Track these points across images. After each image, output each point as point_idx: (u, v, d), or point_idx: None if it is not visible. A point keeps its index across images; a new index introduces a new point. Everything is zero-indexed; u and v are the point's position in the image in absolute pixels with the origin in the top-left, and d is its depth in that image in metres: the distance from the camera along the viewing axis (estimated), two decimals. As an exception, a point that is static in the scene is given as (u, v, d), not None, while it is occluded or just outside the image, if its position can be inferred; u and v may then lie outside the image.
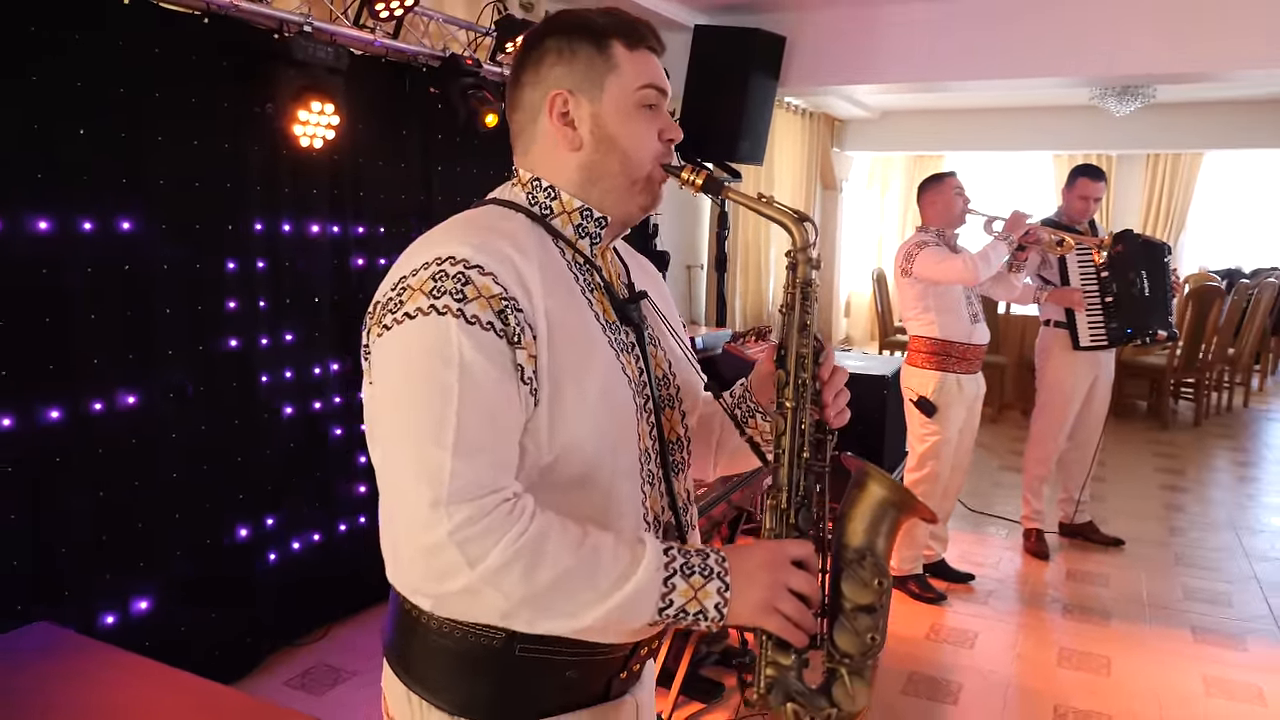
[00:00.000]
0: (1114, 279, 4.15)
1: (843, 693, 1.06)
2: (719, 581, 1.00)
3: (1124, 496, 5.43)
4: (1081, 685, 3.26)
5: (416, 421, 0.98)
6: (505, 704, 1.10)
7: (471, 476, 0.96)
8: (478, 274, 1.01)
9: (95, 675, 1.78)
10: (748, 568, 1.02)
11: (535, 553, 0.96)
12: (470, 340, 0.99)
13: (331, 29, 3.15)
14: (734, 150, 4.83)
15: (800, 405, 1.14)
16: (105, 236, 2.67)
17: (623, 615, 0.98)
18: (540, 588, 0.96)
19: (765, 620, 1.01)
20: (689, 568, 1.01)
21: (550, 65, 1.15)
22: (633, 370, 1.15)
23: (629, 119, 1.14)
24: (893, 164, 10.03)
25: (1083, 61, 4.69)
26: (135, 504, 2.80)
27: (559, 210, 1.16)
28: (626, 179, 1.15)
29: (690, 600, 0.99)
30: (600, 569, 0.98)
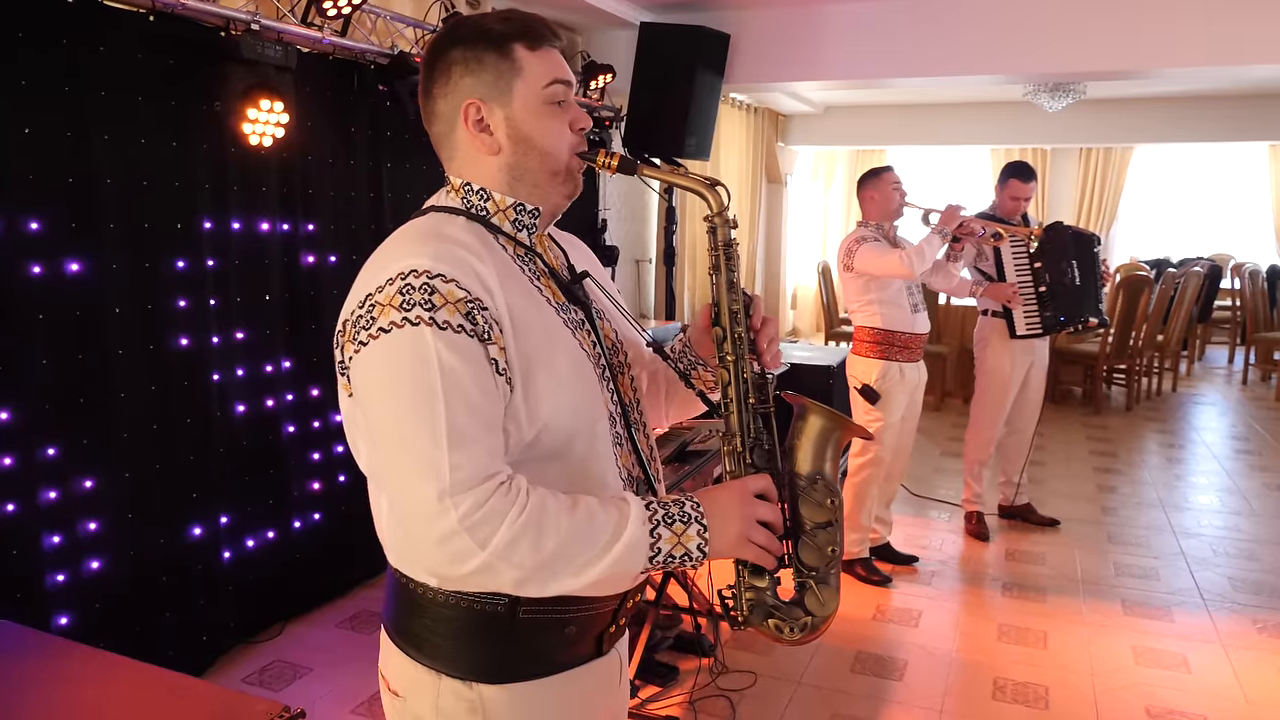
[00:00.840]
0: (1047, 269, 4.32)
1: (814, 601, 1.20)
2: (697, 525, 1.12)
3: (1060, 479, 5.64)
4: (1020, 658, 3.41)
5: (411, 426, 1.05)
6: (513, 664, 1.19)
7: (469, 467, 1.04)
8: (441, 282, 1.08)
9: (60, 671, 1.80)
10: (720, 508, 1.14)
11: (538, 525, 1.05)
12: (445, 344, 1.06)
13: (279, 27, 3.15)
14: (680, 146, 4.91)
15: (740, 356, 1.25)
16: (52, 237, 2.66)
17: (621, 567, 1.09)
18: (547, 555, 1.05)
19: (742, 551, 1.15)
20: (670, 517, 1.12)
21: (459, 77, 1.20)
22: (587, 344, 1.24)
23: (540, 117, 1.21)
24: (836, 158, 10.21)
25: (1017, 59, 4.85)
26: (88, 503, 2.79)
27: (494, 209, 1.24)
28: (547, 173, 1.23)
29: (675, 545, 1.11)
30: (595, 530, 1.08)
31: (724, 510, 1.14)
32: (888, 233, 3.93)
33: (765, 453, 1.24)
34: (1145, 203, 10.09)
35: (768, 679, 3.23)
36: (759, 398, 1.25)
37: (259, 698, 1.71)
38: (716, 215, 1.27)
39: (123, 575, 2.90)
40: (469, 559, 1.04)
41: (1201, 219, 10.15)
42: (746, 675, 3.23)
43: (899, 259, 3.70)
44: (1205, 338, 9.83)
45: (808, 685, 3.20)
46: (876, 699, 3.12)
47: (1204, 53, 4.50)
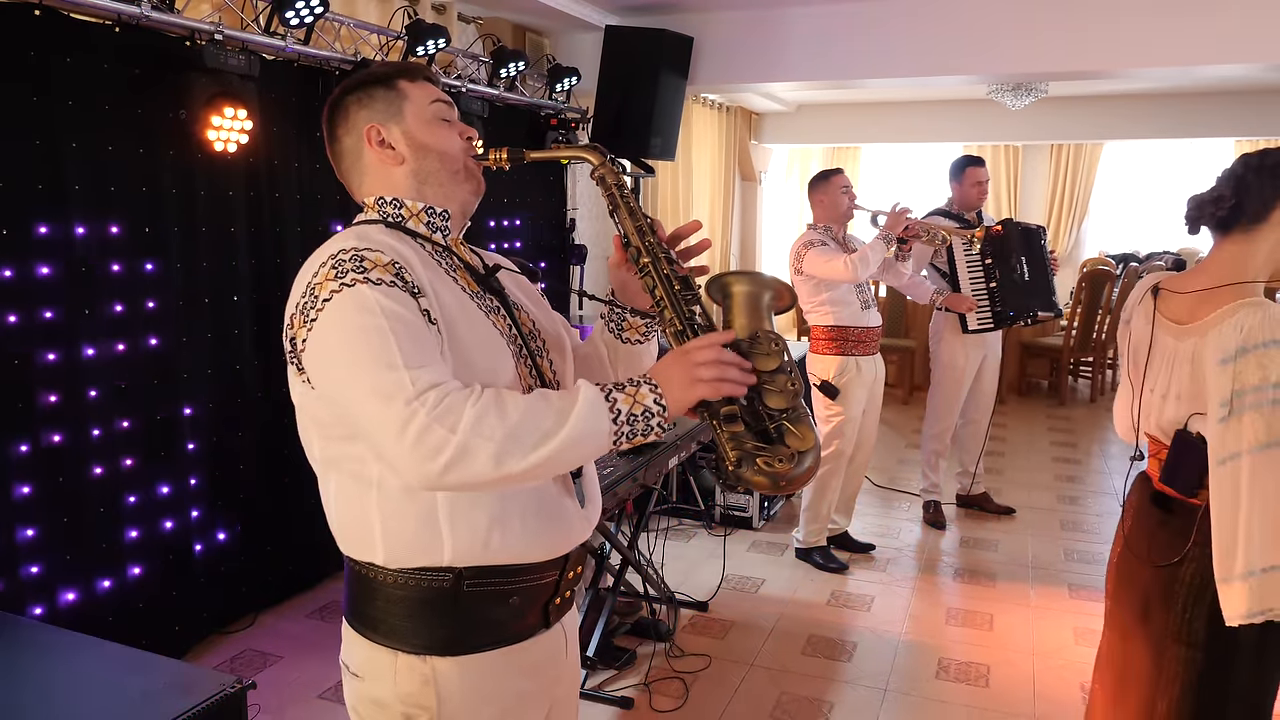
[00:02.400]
0: (996, 265, 4.45)
1: (794, 438, 1.25)
2: (647, 385, 1.20)
3: (1019, 469, 5.79)
4: (965, 640, 3.55)
5: (368, 364, 1.15)
6: (463, 637, 1.29)
7: (427, 376, 1.14)
8: (369, 251, 1.22)
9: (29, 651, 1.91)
10: (665, 366, 1.22)
11: (497, 402, 1.14)
12: (382, 294, 1.18)
13: (242, 36, 3.25)
14: (646, 147, 5.02)
15: (655, 258, 1.36)
16: (21, 243, 2.76)
17: (588, 424, 1.15)
18: (514, 423, 1.13)
19: (693, 391, 1.20)
20: (619, 386, 1.20)
21: (355, 111, 1.39)
22: (502, 326, 1.36)
23: (430, 126, 1.39)
24: (810, 155, 10.33)
25: (977, 60, 4.96)
26: (62, 498, 2.90)
27: (408, 214, 1.38)
28: (448, 171, 1.39)
29: (633, 404, 1.18)
30: (551, 402, 1.17)
31: (668, 366, 1.22)
32: (837, 234, 4.06)
33: (705, 328, 1.33)
34: (1115, 199, 10.25)
35: (721, 661, 3.36)
36: (683, 287, 1.35)
37: (216, 672, 1.83)
38: (601, 166, 1.40)
39: (96, 568, 3.01)
40: (444, 447, 1.10)
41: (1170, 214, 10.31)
42: (701, 658, 3.36)
43: (843, 265, 3.82)
44: (1174, 330, 9.96)
45: (759, 667, 3.33)
46: (825, 679, 3.26)
47: (1155, 54, 4.63)
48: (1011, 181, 10.16)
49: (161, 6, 2.99)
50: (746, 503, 4.69)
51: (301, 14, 3.30)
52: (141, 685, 1.77)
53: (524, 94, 5.01)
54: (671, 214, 7.24)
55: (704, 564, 4.22)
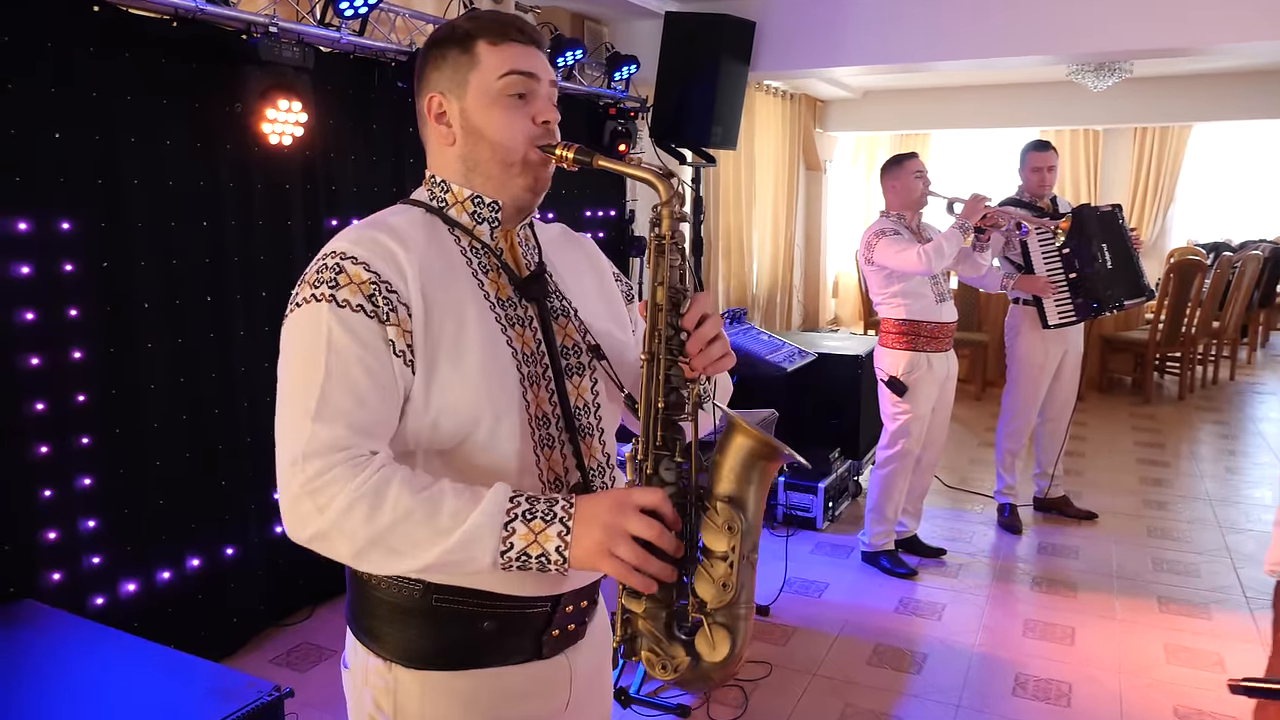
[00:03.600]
0: (1075, 255, 4.21)
1: (704, 643, 1.07)
2: (560, 526, 1.05)
3: (1102, 470, 5.51)
4: (1044, 654, 3.36)
5: (293, 394, 1.12)
6: (431, 653, 1.20)
7: (326, 438, 1.08)
8: (350, 264, 1.14)
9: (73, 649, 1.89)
10: (590, 513, 1.06)
11: (376, 497, 1.05)
12: (338, 321, 1.11)
13: (298, 28, 3.22)
14: (706, 136, 4.89)
15: (656, 354, 1.15)
16: (82, 236, 2.76)
17: (462, 555, 1.05)
18: (381, 528, 1.05)
19: (601, 563, 1.05)
20: (532, 513, 1.06)
21: (427, 73, 1.26)
22: (526, 343, 1.24)
23: (492, 109, 1.23)
24: (878, 143, 10.06)
25: (1056, 39, 4.72)
26: (123, 491, 2.91)
27: (453, 201, 1.27)
28: (500, 164, 1.24)
29: (531, 544, 1.05)
30: (440, 512, 1.06)
31: (594, 517, 1.06)
32: (910, 222, 3.88)
33: (673, 464, 1.13)
34: (1204, 184, 9.77)
35: (782, 669, 3.23)
36: (672, 402, 1.14)
37: (254, 678, 1.78)
38: (664, 205, 1.18)
39: (155, 560, 3.02)
40: (310, 523, 1.07)
41: (1265, 200, 9.79)
42: (761, 665, 3.24)
43: (916, 256, 3.64)
44: (1268, 323, 9.49)
45: (822, 677, 3.20)
46: (892, 692, 3.10)
47: (1249, 28, 4.33)
48: (1092, 167, 9.75)
49: (217, 0, 2.97)
50: (810, 503, 4.54)
51: (356, 5, 3.26)
52: (179, 690, 1.73)
53: (582, 83, 4.92)
54: (734, 204, 7.09)
55: (765, 566, 4.07)
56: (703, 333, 1.15)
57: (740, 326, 4.70)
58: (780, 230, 8.14)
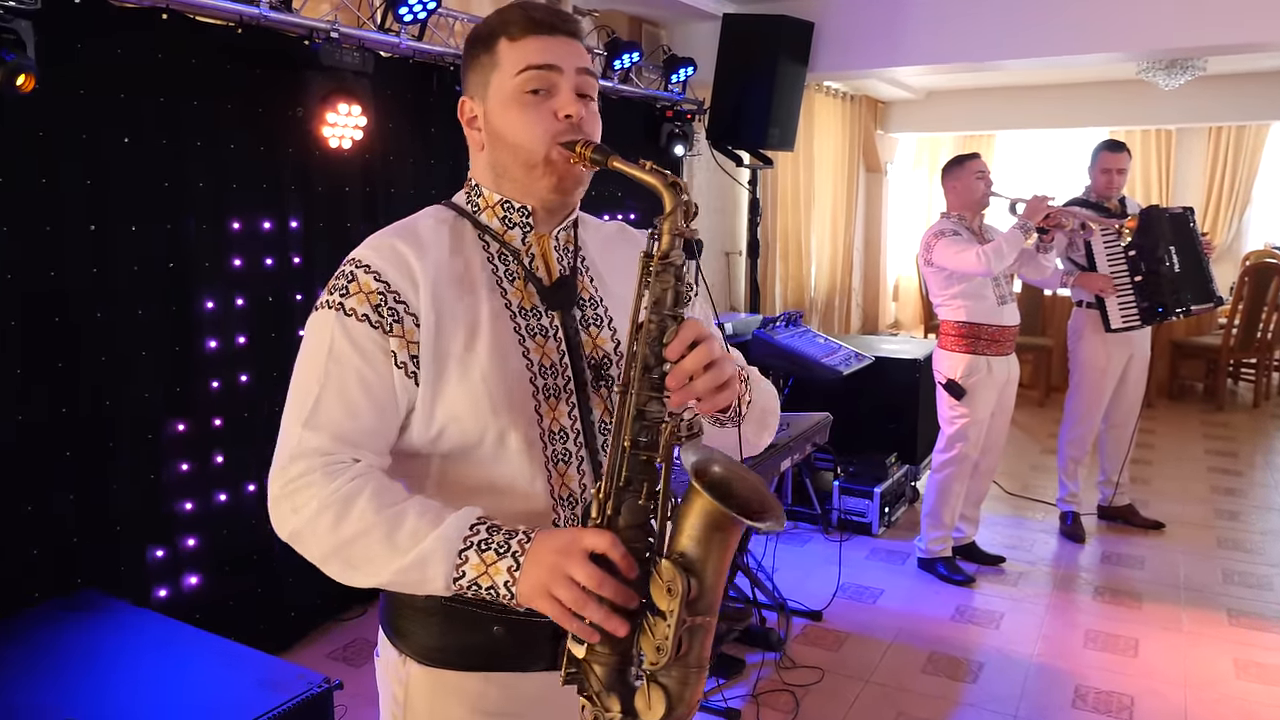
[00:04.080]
0: (1141, 257, 4.09)
1: (642, 699, 1.01)
2: (511, 560, 1.02)
3: (1170, 479, 5.34)
4: (1105, 666, 3.27)
5: (295, 396, 1.15)
6: (441, 650, 1.20)
7: (312, 444, 1.11)
8: (364, 272, 1.15)
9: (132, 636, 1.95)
10: (540, 550, 1.02)
11: (344, 507, 1.07)
12: (343, 330, 1.13)
13: (358, 34, 3.29)
14: (764, 137, 4.87)
15: (629, 386, 1.06)
16: (148, 238, 2.86)
17: (416, 575, 1.05)
18: (343, 539, 1.07)
19: (540, 603, 1.01)
20: (488, 544, 1.04)
21: (463, 76, 1.26)
22: (547, 354, 1.20)
23: (509, 109, 1.19)
24: (940, 145, 9.88)
25: (1126, 36, 4.58)
26: (185, 485, 3.00)
27: (484, 205, 1.25)
28: (523, 167, 1.20)
29: (482, 574, 1.03)
30: (399, 530, 1.05)
31: (542, 555, 1.02)
32: (971, 223, 3.80)
33: (637, 507, 1.04)
34: (1284, 185, 9.39)
35: (835, 676, 3.19)
36: (644, 441, 1.04)
37: (304, 670, 1.82)
38: (666, 217, 1.08)
39: (217, 553, 3.10)
40: (286, 523, 1.10)
41: (1349, 201, 9.39)
42: (814, 671, 3.20)
43: (975, 257, 3.58)
44: (1352, 329, 9.08)
45: (875, 684, 3.15)
46: (947, 700, 3.05)
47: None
48: (1163, 168, 9.44)
49: (280, 7, 3.05)
50: (866, 507, 4.48)
51: (415, 10, 3.31)
52: (232, 679, 1.78)
53: (639, 86, 4.93)
54: (792, 206, 7.04)
55: (819, 571, 4.04)
56: (683, 367, 1.03)
57: (797, 329, 4.66)
58: (839, 233, 8.06)
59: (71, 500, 2.69)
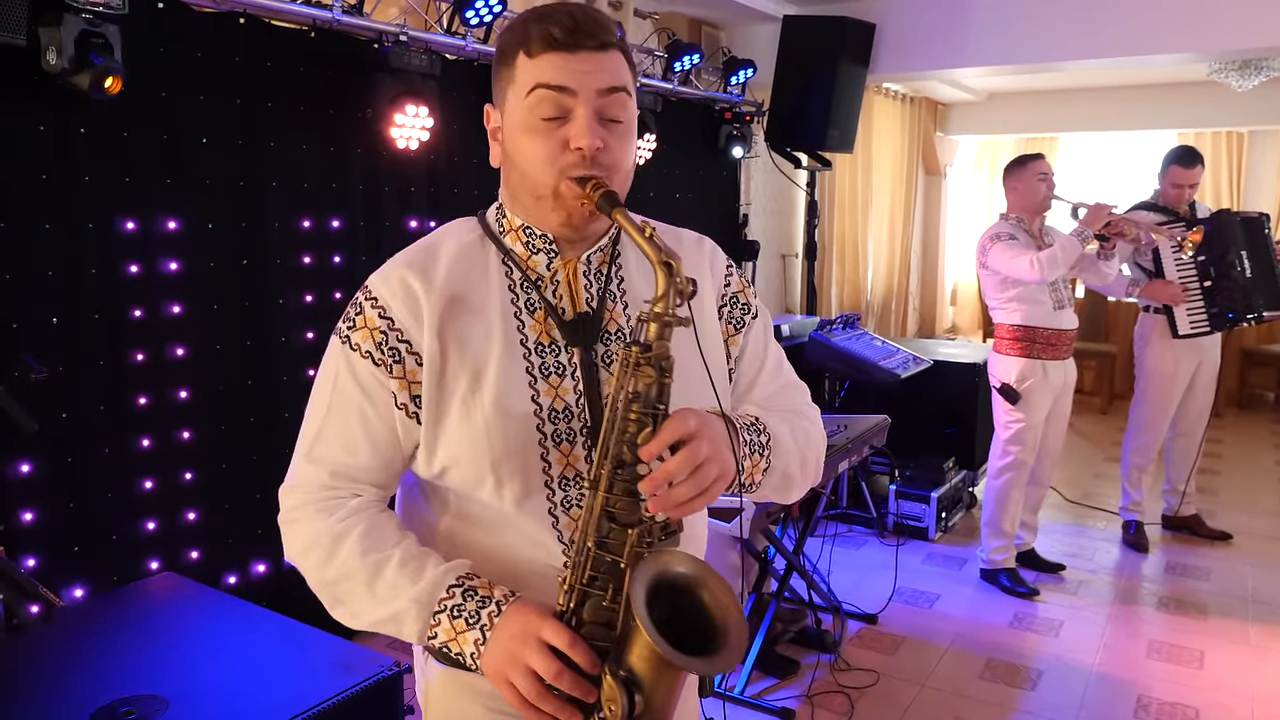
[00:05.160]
0: (1211, 263, 3.99)
1: None
2: (478, 633, 1.01)
3: (1238, 489, 5.20)
4: (1169, 677, 3.20)
5: (305, 422, 1.16)
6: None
7: (311, 476, 1.13)
8: (370, 305, 1.11)
9: (213, 619, 2.03)
10: (503, 633, 1.00)
11: (330, 549, 1.08)
12: (347, 365, 1.12)
13: (426, 37, 3.36)
14: (822, 140, 4.85)
15: (598, 483, 0.99)
16: (225, 234, 2.96)
17: (392, 628, 1.05)
18: (328, 579, 1.09)
19: (500, 687, 0.99)
20: (460, 610, 1.02)
21: (492, 80, 1.15)
22: (561, 396, 1.11)
23: (520, 133, 1.08)
24: (1002, 147, 9.71)
25: (1202, 35, 4.47)
26: (254, 476, 3.09)
27: (508, 228, 1.16)
28: (531, 195, 1.10)
29: (451, 640, 1.02)
30: (379, 581, 1.05)
31: (503, 638, 0.99)
32: (1031, 226, 3.75)
33: (600, 608, 0.99)
34: (1363, 189, 9.07)
35: (890, 679, 3.18)
36: (610, 544, 0.98)
37: (375, 653, 1.87)
38: (656, 301, 0.97)
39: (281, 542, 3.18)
40: (287, 547, 1.14)
41: None
42: (869, 674, 3.19)
43: (1029, 263, 3.51)
44: None
45: (931, 689, 3.13)
46: (1004, 707, 3.01)
47: None
48: (1234, 172, 9.18)
49: (351, 11, 3.13)
50: (922, 512, 4.44)
51: (481, 13, 3.37)
52: (306, 660, 1.84)
53: (698, 87, 4.95)
54: (850, 209, 7.00)
55: (874, 574, 4.02)
56: (666, 469, 0.95)
57: (854, 332, 4.64)
58: (897, 236, 7.98)
59: (150, 487, 2.81)
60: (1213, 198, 9.02)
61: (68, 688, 1.71)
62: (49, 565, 2.52)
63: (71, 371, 2.60)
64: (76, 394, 2.62)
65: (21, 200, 2.48)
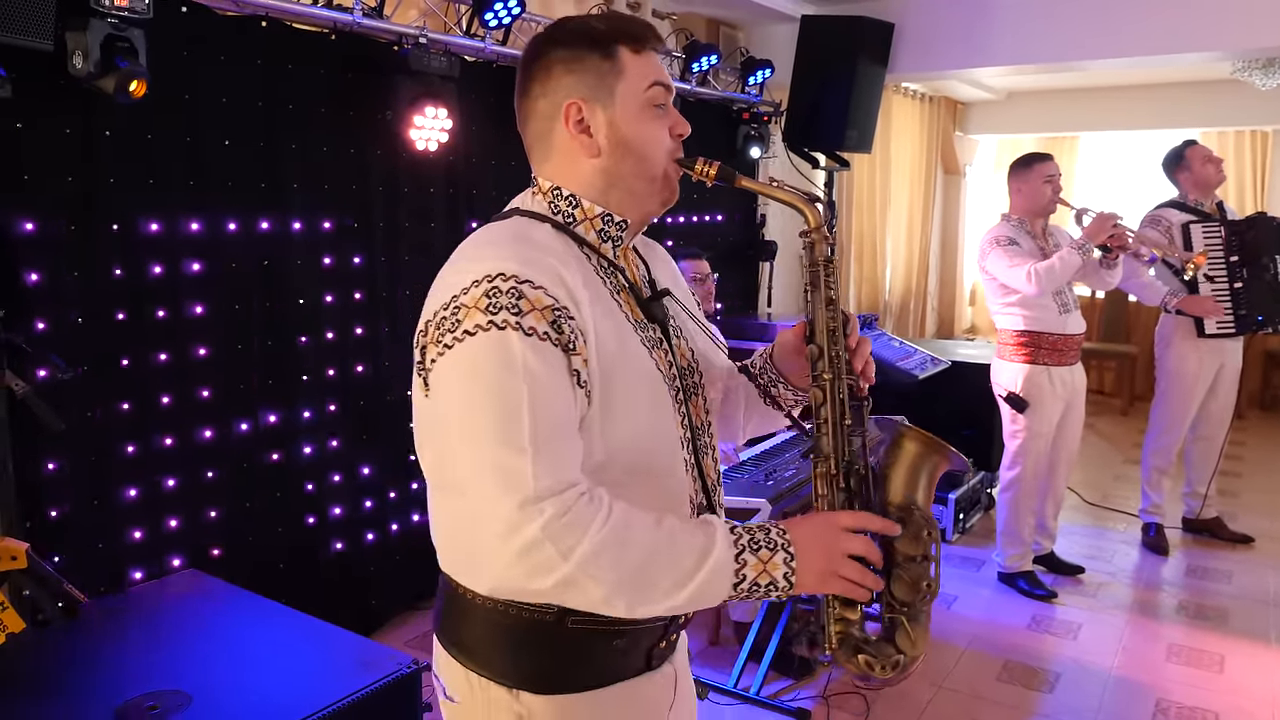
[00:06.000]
0: (1243, 264, 3.96)
1: (905, 639, 1.15)
2: (784, 553, 1.07)
3: (1260, 492, 5.16)
4: (1188, 681, 3.18)
5: (494, 432, 1.03)
6: (559, 676, 1.16)
7: (552, 475, 1.02)
8: (529, 288, 1.06)
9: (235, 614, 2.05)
10: (807, 539, 1.08)
11: (621, 539, 1.02)
12: (531, 350, 1.04)
13: (445, 39, 3.38)
14: (841, 140, 4.85)
15: (837, 375, 1.21)
16: (246, 236, 2.99)
17: (706, 592, 1.05)
18: (630, 571, 1.03)
19: (830, 586, 1.09)
20: (756, 543, 1.07)
21: (559, 76, 1.18)
22: (663, 365, 1.21)
23: (640, 121, 1.18)
24: (1022, 146, 9.62)
25: (1222, 33, 4.43)
26: (275, 474, 3.13)
27: (581, 217, 1.20)
28: (644, 180, 1.20)
29: (761, 573, 1.06)
30: (680, 550, 1.05)
31: (812, 542, 1.08)
32: (1034, 228, 3.68)
33: (860, 478, 1.19)
34: (1390, 188, 8.95)
35: (907, 680, 3.17)
36: (854, 420, 1.20)
37: (395, 651, 1.89)
38: (815, 230, 1.24)
39: (304, 542, 3.22)
40: (552, 571, 1.00)
41: None
42: (885, 675, 3.18)
43: (1026, 276, 3.45)
44: None
45: (949, 690, 3.12)
46: (1021, 709, 3.00)
47: None
48: (1258, 172, 9.07)
49: (371, 14, 3.15)
50: (940, 513, 4.43)
51: (500, 15, 3.39)
52: (327, 657, 1.86)
53: (716, 88, 4.96)
54: (868, 208, 6.98)
55: (891, 576, 4.00)
56: (862, 352, 1.25)
57: (871, 332, 4.63)
58: (915, 235, 7.95)
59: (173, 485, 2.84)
60: (1236, 197, 8.92)
61: (92, 682, 1.74)
62: (74, 562, 2.56)
63: (96, 371, 2.64)
64: (101, 393, 2.65)
65: (48, 202, 2.52)
